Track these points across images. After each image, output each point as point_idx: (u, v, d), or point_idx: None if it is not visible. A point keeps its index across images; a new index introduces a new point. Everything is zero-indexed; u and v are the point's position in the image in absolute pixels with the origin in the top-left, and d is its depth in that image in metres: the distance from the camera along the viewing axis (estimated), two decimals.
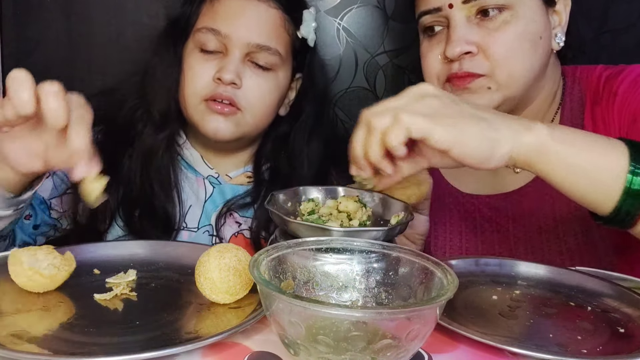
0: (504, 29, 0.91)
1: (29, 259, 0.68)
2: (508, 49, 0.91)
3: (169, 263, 0.80)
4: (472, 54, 0.92)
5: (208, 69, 1.06)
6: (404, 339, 0.50)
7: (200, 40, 1.07)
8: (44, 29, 1.31)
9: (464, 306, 0.72)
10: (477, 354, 0.61)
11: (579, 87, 1.02)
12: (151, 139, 1.10)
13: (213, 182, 1.15)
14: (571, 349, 0.62)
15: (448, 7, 0.93)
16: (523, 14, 0.92)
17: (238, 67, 1.04)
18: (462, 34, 0.92)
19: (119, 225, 1.09)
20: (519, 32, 0.92)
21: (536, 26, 0.93)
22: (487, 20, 0.92)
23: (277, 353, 0.59)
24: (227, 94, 1.04)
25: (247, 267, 0.69)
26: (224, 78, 1.03)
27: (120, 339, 0.61)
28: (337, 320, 0.50)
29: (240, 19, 1.06)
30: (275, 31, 1.08)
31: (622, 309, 0.72)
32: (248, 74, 1.06)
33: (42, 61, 1.32)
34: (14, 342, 0.58)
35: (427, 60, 0.99)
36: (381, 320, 0.50)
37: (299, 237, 0.71)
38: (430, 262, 0.59)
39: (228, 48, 1.05)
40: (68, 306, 0.68)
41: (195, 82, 1.06)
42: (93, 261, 0.78)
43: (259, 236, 1.10)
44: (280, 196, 0.80)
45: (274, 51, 1.07)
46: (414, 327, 0.50)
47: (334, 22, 1.34)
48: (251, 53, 1.06)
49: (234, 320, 0.64)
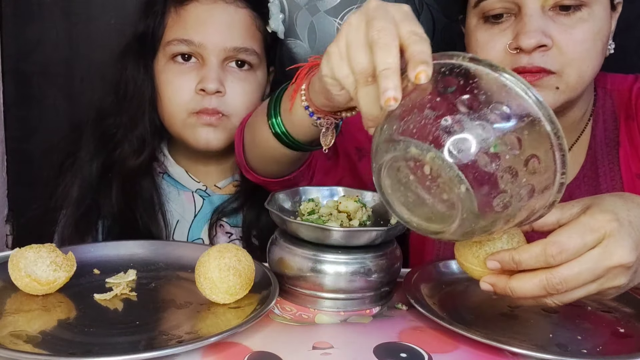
0: (581, 27, 0.85)
1: (26, 265, 0.68)
2: (584, 49, 0.85)
3: (169, 263, 0.80)
4: (546, 47, 0.84)
5: (188, 80, 1.03)
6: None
7: (173, 52, 1.04)
8: (44, 29, 1.31)
9: (464, 306, 0.72)
10: (477, 354, 0.61)
11: (612, 101, 0.98)
12: (129, 163, 1.07)
13: (202, 194, 1.13)
14: (571, 349, 0.62)
15: None
16: (598, 13, 0.86)
17: (219, 74, 1.03)
18: (539, 24, 0.84)
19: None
20: (595, 32, 0.86)
21: (607, 28, 0.89)
22: (563, 15, 0.85)
23: (277, 353, 0.59)
24: (212, 106, 1.02)
25: (247, 267, 0.69)
26: (207, 88, 1.01)
27: (120, 339, 0.61)
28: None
29: (211, 25, 1.03)
30: (248, 31, 1.06)
31: (622, 309, 0.72)
32: (229, 79, 1.04)
33: (42, 61, 1.32)
34: (14, 342, 0.58)
35: (489, 50, 0.90)
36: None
37: (299, 237, 0.71)
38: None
39: (204, 57, 1.03)
40: (68, 306, 0.68)
41: (178, 96, 1.04)
42: (93, 261, 0.78)
43: (250, 236, 1.08)
44: (280, 196, 0.80)
45: (251, 51, 1.05)
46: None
47: (334, 22, 1.34)
48: (229, 57, 1.04)
49: (234, 320, 0.64)
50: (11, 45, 1.31)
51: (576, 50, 0.85)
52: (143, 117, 1.07)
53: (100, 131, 1.10)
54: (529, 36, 0.83)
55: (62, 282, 0.70)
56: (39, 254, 0.69)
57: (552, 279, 0.58)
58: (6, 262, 0.69)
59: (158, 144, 1.12)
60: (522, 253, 0.60)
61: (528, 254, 0.59)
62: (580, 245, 0.58)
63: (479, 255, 0.63)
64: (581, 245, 0.58)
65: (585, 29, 0.85)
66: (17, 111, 1.33)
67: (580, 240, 0.58)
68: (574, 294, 0.59)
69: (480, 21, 0.91)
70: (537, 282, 0.59)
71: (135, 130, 1.07)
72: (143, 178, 1.09)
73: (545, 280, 0.59)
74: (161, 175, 1.14)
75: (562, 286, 0.58)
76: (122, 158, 1.08)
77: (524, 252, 0.60)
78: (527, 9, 0.84)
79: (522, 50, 0.84)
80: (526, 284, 0.59)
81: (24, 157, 1.36)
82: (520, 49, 0.84)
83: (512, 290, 0.60)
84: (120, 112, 1.09)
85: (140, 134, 1.07)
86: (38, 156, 1.35)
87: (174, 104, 1.05)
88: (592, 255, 0.58)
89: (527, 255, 0.59)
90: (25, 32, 1.31)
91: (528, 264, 0.59)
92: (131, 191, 1.07)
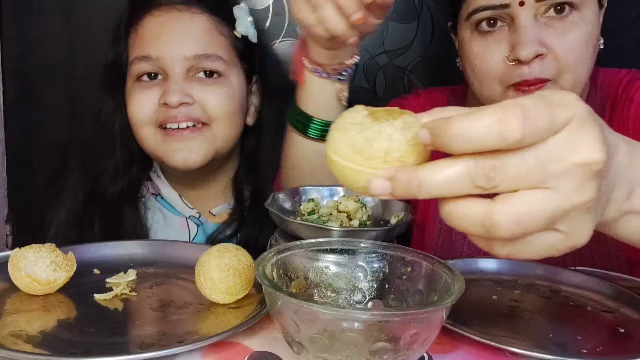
0: (574, 31, 0.85)
1: (26, 265, 0.68)
2: (578, 53, 0.85)
3: (169, 263, 0.80)
4: (542, 56, 0.84)
5: (151, 95, 0.99)
6: (401, 342, 0.50)
7: (137, 72, 1.01)
8: (44, 29, 1.31)
9: (464, 306, 0.71)
10: (477, 354, 0.61)
11: (601, 95, 0.98)
12: (109, 191, 1.05)
13: (196, 221, 1.09)
14: (571, 349, 0.62)
15: (519, 5, 0.84)
16: (588, 16, 0.86)
17: (182, 86, 0.98)
18: (534, 34, 0.83)
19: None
20: (587, 35, 0.86)
21: (597, 30, 0.88)
22: (555, 19, 0.85)
23: (277, 353, 0.59)
24: (181, 115, 0.97)
25: (247, 267, 0.69)
26: (170, 101, 0.96)
27: (120, 339, 0.61)
28: (333, 320, 0.50)
29: (166, 36, 0.99)
30: (207, 36, 1.01)
31: (622, 309, 0.72)
32: (196, 87, 0.99)
33: (42, 61, 1.32)
34: (14, 342, 0.58)
35: (487, 62, 0.88)
36: (375, 322, 0.49)
37: (299, 237, 0.71)
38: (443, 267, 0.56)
39: (166, 70, 0.98)
40: (68, 306, 0.68)
41: (141, 111, 1.00)
42: (93, 261, 0.78)
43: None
44: (280, 196, 0.80)
45: (214, 57, 1.00)
46: (411, 332, 0.49)
47: None
48: (193, 67, 0.99)
49: (234, 320, 0.64)
50: (11, 45, 1.31)
51: (571, 56, 0.85)
52: (115, 146, 1.05)
53: (83, 161, 1.08)
54: (526, 47, 0.83)
55: (62, 282, 0.70)
56: (39, 254, 0.69)
57: (484, 161, 0.39)
58: (6, 262, 0.69)
59: (139, 171, 1.09)
60: (466, 121, 0.39)
61: (477, 121, 0.39)
62: (547, 120, 0.39)
63: (357, 144, 0.44)
64: (548, 119, 0.40)
65: (578, 33, 0.85)
66: (17, 111, 1.34)
67: (547, 112, 0.40)
68: (515, 204, 0.40)
69: (475, 32, 0.91)
70: (462, 168, 0.40)
71: (111, 158, 1.05)
72: (126, 208, 1.05)
73: (472, 164, 0.40)
74: (154, 197, 1.10)
75: (497, 176, 0.39)
76: (103, 187, 1.05)
77: (471, 120, 0.39)
78: (521, 19, 0.84)
79: (520, 61, 0.84)
80: (442, 172, 0.41)
81: (24, 157, 1.36)
82: (519, 60, 0.84)
83: (420, 183, 0.41)
84: (98, 142, 1.07)
85: (116, 162, 1.05)
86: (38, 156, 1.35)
87: (137, 119, 1.01)
88: (557, 140, 0.40)
89: (477, 124, 0.39)
90: (25, 32, 1.31)
91: (471, 139, 0.39)
92: (113, 223, 1.04)
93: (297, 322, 0.50)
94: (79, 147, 1.10)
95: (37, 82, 1.33)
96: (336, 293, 0.62)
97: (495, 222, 0.40)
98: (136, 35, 1.02)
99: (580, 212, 0.41)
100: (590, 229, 0.43)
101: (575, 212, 0.41)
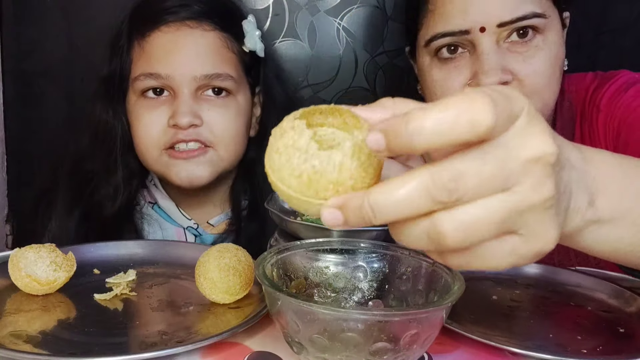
0: (538, 56, 0.83)
1: (26, 265, 0.68)
2: (546, 78, 0.83)
3: (169, 263, 0.80)
4: (507, 83, 0.81)
5: (159, 115, 0.96)
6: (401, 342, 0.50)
7: (141, 88, 0.97)
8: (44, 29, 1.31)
9: (464, 306, 0.71)
10: (477, 354, 0.61)
11: (569, 103, 0.96)
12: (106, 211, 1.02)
13: (194, 232, 1.06)
14: (571, 349, 0.62)
15: (479, 31, 0.81)
16: (552, 38, 0.84)
17: (192, 106, 0.94)
18: (497, 61, 0.81)
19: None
20: (553, 58, 0.84)
21: (562, 50, 0.86)
22: (519, 44, 0.83)
23: (277, 353, 0.59)
24: (189, 136, 0.95)
25: (247, 267, 0.69)
26: (180, 123, 0.93)
27: (120, 339, 0.61)
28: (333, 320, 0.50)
29: (177, 54, 0.95)
30: (219, 55, 0.98)
31: (622, 309, 0.72)
32: (205, 107, 0.96)
33: (42, 61, 1.32)
34: (14, 342, 0.58)
35: (448, 89, 0.85)
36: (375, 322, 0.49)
37: (299, 237, 0.71)
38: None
39: (175, 89, 0.95)
40: (68, 306, 0.68)
41: (149, 133, 0.97)
42: (93, 261, 0.78)
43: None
44: None
45: (225, 76, 0.97)
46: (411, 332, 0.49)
47: (334, 22, 1.34)
48: (202, 86, 0.96)
49: (234, 320, 0.64)
50: (11, 45, 1.31)
51: (538, 81, 0.83)
52: (115, 163, 1.02)
53: (78, 177, 1.04)
54: (489, 75, 0.81)
55: (62, 282, 0.70)
56: (39, 254, 0.69)
57: (441, 172, 0.36)
58: (6, 262, 0.69)
59: (137, 186, 1.06)
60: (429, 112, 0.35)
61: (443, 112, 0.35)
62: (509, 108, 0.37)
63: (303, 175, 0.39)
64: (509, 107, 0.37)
65: (543, 57, 0.83)
66: (17, 111, 1.34)
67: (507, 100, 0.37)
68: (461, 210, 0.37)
69: (434, 60, 0.88)
70: (417, 184, 0.36)
71: (109, 177, 1.02)
72: (122, 226, 1.02)
73: (429, 178, 0.36)
74: (150, 206, 1.08)
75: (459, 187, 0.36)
76: (99, 205, 1.02)
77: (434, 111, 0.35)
78: (482, 46, 0.82)
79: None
80: (396, 193, 0.36)
81: (24, 157, 1.36)
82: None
83: (373, 207, 0.37)
84: (94, 157, 1.03)
85: (114, 181, 1.02)
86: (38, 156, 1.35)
87: (145, 140, 0.98)
88: (514, 134, 0.37)
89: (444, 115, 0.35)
90: (25, 32, 1.31)
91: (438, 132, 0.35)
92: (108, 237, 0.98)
93: (297, 322, 0.50)
94: (73, 163, 1.06)
95: (37, 81, 1.33)
96: (336, 293, 0.62)
97: (440, 232, 0.37)
98: (141, 50, 0.99)
99: (539, 211, 0.38)
100: (555, 229, 0.39)
101: (533, 211, 0.38)
